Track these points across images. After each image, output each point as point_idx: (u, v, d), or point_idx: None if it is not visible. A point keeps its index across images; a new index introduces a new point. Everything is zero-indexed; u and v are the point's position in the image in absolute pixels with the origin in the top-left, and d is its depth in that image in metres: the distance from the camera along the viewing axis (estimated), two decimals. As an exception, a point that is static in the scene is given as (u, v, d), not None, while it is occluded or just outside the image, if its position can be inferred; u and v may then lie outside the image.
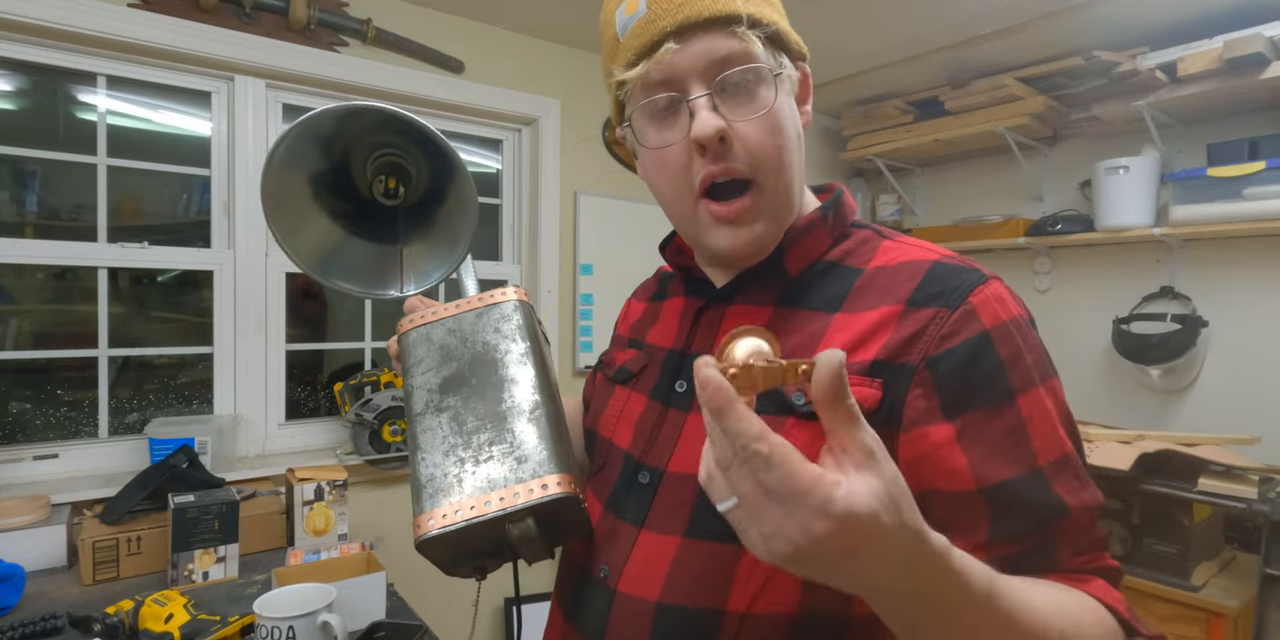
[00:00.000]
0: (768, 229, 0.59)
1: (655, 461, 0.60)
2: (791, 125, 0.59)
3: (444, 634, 1.24)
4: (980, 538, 0.50)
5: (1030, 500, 0.50)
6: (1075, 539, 0.51)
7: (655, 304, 0.76)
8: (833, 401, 0.34)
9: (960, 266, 0.56)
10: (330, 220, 0.78)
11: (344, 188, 0.79)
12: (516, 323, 0.66)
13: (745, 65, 0.55)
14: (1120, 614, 0.49)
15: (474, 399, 0.61)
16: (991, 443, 0.50)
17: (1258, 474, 1.66)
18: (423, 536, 0.54)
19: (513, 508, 0.54)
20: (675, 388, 0.63)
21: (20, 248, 1.54)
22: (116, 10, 1.56)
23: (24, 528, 1.34)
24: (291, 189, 0.73)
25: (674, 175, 0.58)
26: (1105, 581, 0.51)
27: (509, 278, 2.27)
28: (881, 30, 2.11)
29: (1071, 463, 0.52)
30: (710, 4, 0.54)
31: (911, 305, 0.54)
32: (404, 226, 0.81)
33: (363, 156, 0.78)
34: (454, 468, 0.57)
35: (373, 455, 1.82)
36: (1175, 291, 2.15)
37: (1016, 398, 0.51)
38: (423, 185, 0.81)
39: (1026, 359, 0.52)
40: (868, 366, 0.53)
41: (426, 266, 0.79)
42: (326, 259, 0.77)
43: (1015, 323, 0.53)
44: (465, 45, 2.05)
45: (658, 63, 0.55)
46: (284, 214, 0.72)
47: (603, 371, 0.77)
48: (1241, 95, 1.89)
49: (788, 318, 0.59)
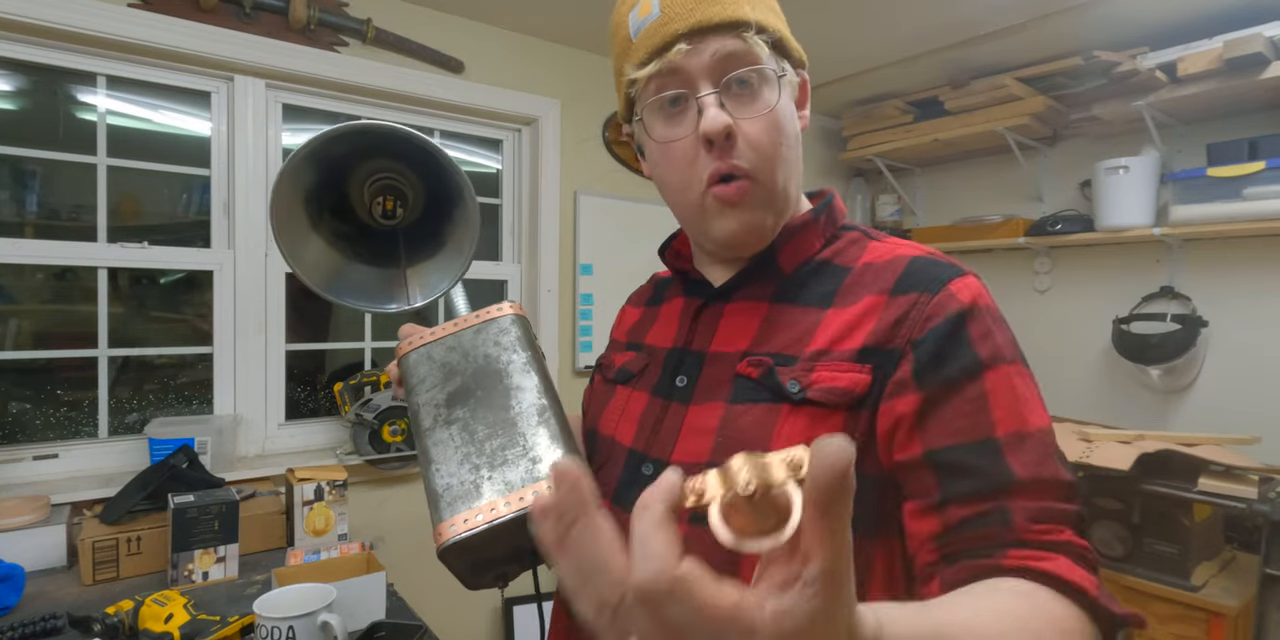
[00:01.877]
0: (764, 216, 0.62)
1: (659, 454, 0.62)
2: (791, 125, 0.62)
3: (444, 634, 1.24)
4: (933, 499, 0.50)
5: (978, 466, 0.50)
6: (1031, 504, 0.48)
7: (652, 308, 0.78)
8: (828, 501, 0.24)
9: (940, 261, 0.59)
10: (330, 244, 0.79)
11: (343, 212, 0.80)
12: (515, 335, 0.68)
13: (751, 66, 0.58)
14: (1088, 593, 0.45)
15: (482, 409, 0.62)
16: (953, 410, 0.52)
17: (1258, 474, 1.66)
18: (445, 543, 0.53)
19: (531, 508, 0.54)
20: (676, 383, 0.65)
21: (20, 248, 1.54)
22: (116, 10, 1.56)
23: (24, 528, 1.34)
24: (295, 216, 0.74)
25: (682, 168, 0.61)
26: (1069, 559, 0.47)
27: (509, 278, 2.27)
28: (881, 30, 2.11)
29: (1035, 440, 0.51)
30: (720, 10, 0.58)
31: (894, 293, 0.57)
32: (404, 243, 0.82)
33: (359, 181, 0.79)
34: (469, 475, 0.58)
35: (373, 455, 1.82)
36: (1175, 291, 2.15)
37: (983, 372, 0.52)
38: (419, 203, 0.82)
39: (997, 338, 0.54)
40: (857, 353, 0.55)
41: (430, 278, 0.80)
42: (333, 279, 0.78)
43: (989, 309, 0.56)
44: (465, 45, 2.05)
45: (669, 62, 0.58)
46: (290, 235, 0.73)
47: (601, 374, 0.78)
48: (1241, 95, 1.89)
49: (782, 313, 0.62)
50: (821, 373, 0.56)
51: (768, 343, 0.61)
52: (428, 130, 2.13)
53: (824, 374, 0.56)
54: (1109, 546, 1.80)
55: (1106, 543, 1.80)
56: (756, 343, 0.61)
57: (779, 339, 0.60)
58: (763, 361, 0.59)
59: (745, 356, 0.61)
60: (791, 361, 0.58)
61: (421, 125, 2.10)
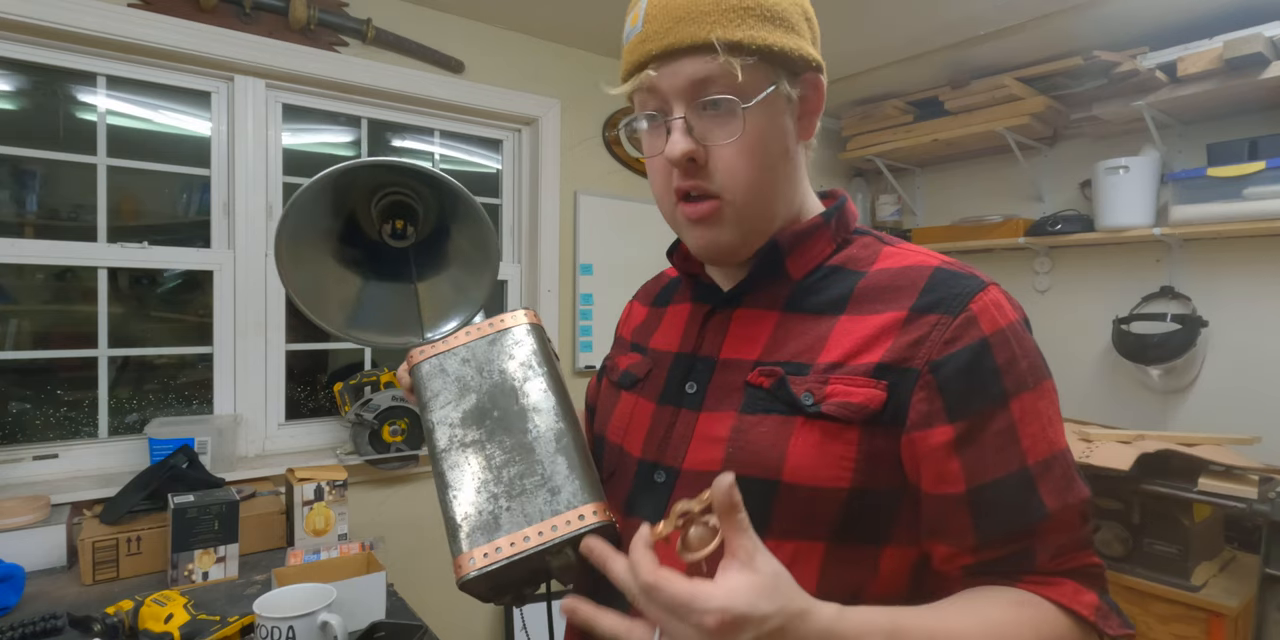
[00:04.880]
0: (733, 235, 0.61)
1: (671, 461, 0.62)
2: (774, 144, 0.60)
3: (444, 634, 1.24)
4: (968, 542, 0.54)
5: (1013, 501, 0.53)
6: (1056, 539, 0.54)
7: (658, 309, 0.77)
8: (727, 513, 0.45)
9: (960, 273, 0.58)
10: (344, 269, 0.74)
11: (351, 234, 0.75)
12: (530, 348, 0.66)
13: (720, 93, 0.57)
14: (1085, 617, 0.52)
15: (499, 431, 0.61)
16: (984, 445, 0.53)
17: (1258, 474, 1.66)
18: (465, 577, 0.54)
19: (553, 541, 0.54)
20: (686, 389, 0.64)
21: (20, 248, 1.54)
22: (116, 10, 1.56)
23: (24, 528, 1.34)
24: (305, 251, 0.69)
25: (659, 182, 0.63)
26: (1078, 582, 0.54)
27: (509, 278, 2.27)
28: (881, 30, 2.11)
29: (1059, 461, 0.55)
30: (695, 31, 0.56)
31: (915, 311, 0.56)
32: (415, 263, 0.77)
33: (365, 198, 0.74)
34: (488, 504, 0.57)
35: (373, 455, 1.82)
36: (1175, 291, 2.15)
37: (1009, 401, 0.54)
38: (432, 219, 0.77)
39: (1021, 364, 0.55)
40: (874, 369, 0.55)
41: (444, 294, 0.75)
42: (350, 314, 0.73)
43: (1012, 328, 0.56)
44: (465, 45, 2.05)
45: (644, 81, 0.59)
46: (301, 273, 0.69)
47: (607, 376, 0.77)
48: (1241, 95, 1.89)
49: (792, 321, 0.61)
50: (836, 386, 0.55)
51: (779, 351, 0.60)
52: (428, 130, 2.14)
53: (839, 387, 0.55)
54: (1109, 546, 1.80)
55: (1106, 543, 1.81)
56: (768, 351, 0.60)
57: (790, 347, 0.59)
58: (774, 371, 0.58)
59: (757, 365, 0.60)
60: (804, 371, 0.57)
61: (421, 125, 2.10)
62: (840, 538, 0.55)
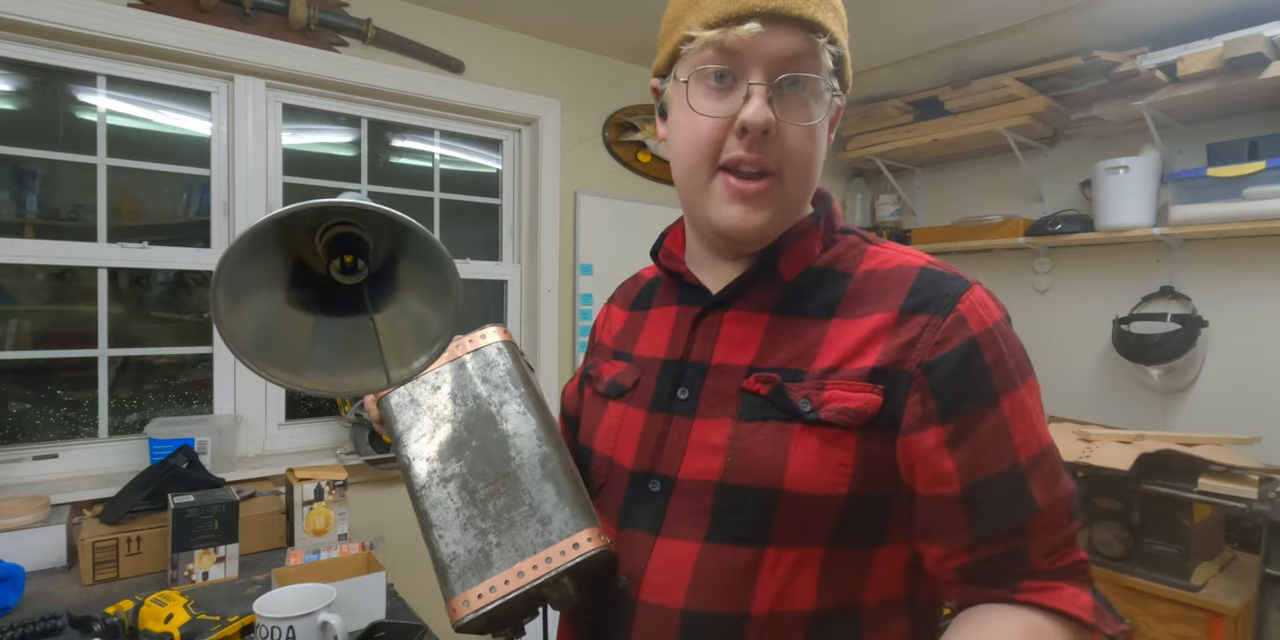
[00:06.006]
0: (775, 219, 0.60)
1: (665, 470, 0.60)
2: (823, 143, 0.62)
3: (444, 634, 1.23)
4: (962, 541, 0.54)
5: (1006, 498, 0.53)
6: (1049, 537, 0.54)
7: (639, 313, 0.75)
8: None
9: (946, 273, 0.59)
10: (299, 314, 0.58)
11: (303, 276, 0.59)
12: (504, 368, 0.63)
13: (811, 73, 0.56)
14: (1085, 621, 0.53)
15: (479, 462, 0.58)
16: (977, 443, 0.54)
17: (1258, 474, 1.66)
18: (461, 620, 0.52)
19: (548, 574, 0.53)
20: (678, 395, 0.63)
21: (20, 248, 1.54)
22: (116, 10, 1.56)
23: (24, 528, 1.34)
24: (248, 304, 0.56)
25: (702, 146, 0.58)
26: (1073, 584, 0.55)
27: (509, 278, 2.27)
28: (881, 30, 2.11)
29: (1047, 456, 0.56)
30: (805, 6, 0.55)
31: (905, 311, 0.56)
32: (371, 299, 0.60)
33: (308, 236, 0.58)
34: (476, 541, 0.55)
35: (372, 455, 1.82)
36: (1175, 291, 2.15)
37: (1000, 399, 0.54)
38: (384, 249, 0.60)
39: (1009, 362, 0.56)
40: (869, 373, 0.55)
41: (409, 336, 0.59)
42: (305, 362, 0.57)
43: (998, 326, 0.57)
44: (465, 45, 2.05)
45: (736, 36, 0.55)
46: (243, 328, 0.55)
47: (591, 386, 0.75)
48: (1241, 95, 1.89)
49: (784, 325, 0.60)
50: (833, 391, 0.55)
51: (772, 356, 0.59)
52: (428, 130, 2.14)
53: (836, 393, 0.55)
54: (1109, 546, 1.80)
55: (1106, 543, 1.80)
56: (761, 356, 0.59)
57: (784, 352, 0.59)
58: (771, 378, 0.57)
59: (751, 371, 0.59)
60: (799, 376, 0.57)
61: (421, 125, 2.10)
62: (837, 542, 0.55)
